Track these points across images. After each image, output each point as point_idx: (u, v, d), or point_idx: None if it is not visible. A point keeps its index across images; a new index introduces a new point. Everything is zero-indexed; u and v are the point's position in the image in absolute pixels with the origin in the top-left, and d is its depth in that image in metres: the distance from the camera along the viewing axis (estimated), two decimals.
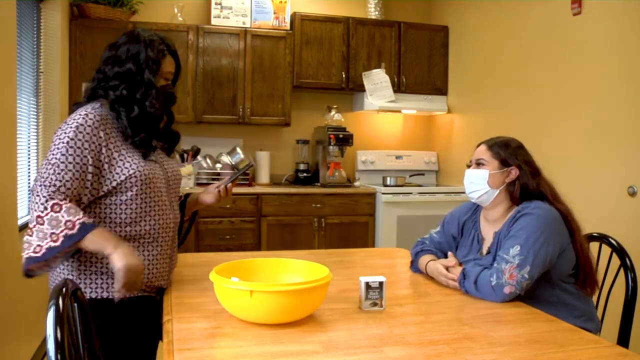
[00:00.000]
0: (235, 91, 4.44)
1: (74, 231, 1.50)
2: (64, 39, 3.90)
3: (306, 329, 1.43)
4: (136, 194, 1.66)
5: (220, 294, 1.46)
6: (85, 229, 1.51)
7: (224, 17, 4.44)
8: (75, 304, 1.28)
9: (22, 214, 3.17)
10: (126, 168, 1.65)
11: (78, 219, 1.51)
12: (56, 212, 1.51)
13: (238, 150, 4.45)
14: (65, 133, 1.60)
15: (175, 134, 1.91)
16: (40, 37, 3.62)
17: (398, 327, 1.47)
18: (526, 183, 1.84)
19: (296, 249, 4.15)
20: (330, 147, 4.53)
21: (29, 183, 3.39)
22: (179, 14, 4.46)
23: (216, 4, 4.43)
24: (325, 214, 4.38)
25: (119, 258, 1.51)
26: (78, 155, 1.58)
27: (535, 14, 3.78)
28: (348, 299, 1.68)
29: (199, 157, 4.35)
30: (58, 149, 1.58)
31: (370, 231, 4.49)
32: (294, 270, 1.67)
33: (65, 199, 1.55)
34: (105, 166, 1.63)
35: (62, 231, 1.50)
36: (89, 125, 1.61)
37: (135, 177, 1.66)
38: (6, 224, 2.55)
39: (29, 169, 3.40)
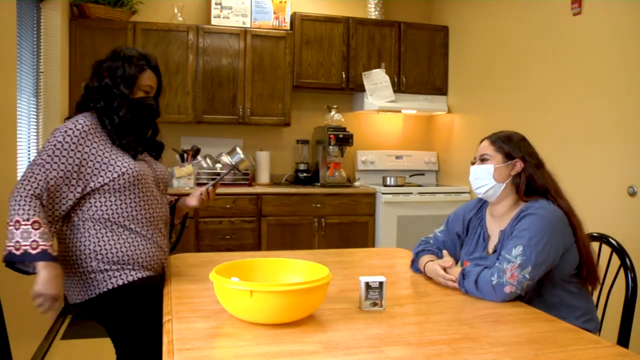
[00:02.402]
0: (235, 91, 4.44)
1: (34, 251, 1.64)
2: (64, 39, 3.90)
3: (306, 329, 1.43)
4: (128, 189, 1.84)
5: (220, 294, 1.46)
6: (39, 256, 1.65)
7: (224, 17, 4.44)
8: None
9: None
10: (118, 166, 1.83)
11: (44, 244, 1.66)
12: (36, 228, 1.66)
13: (238, 150, 4.45)
14: (54, 137, 1.78)
15: (160, 144, 2.09)
16: (40, 37, 3.62)
17: (398, 327, 1.47)
18: (532, 175, 1.84)
19: (296, 249, 4.15)
20: (330, 147, 4.53)
21: None
22: (179, 14, 4.46)
23: (216, 4, 4.43)
24: (325, 214, 4.38)
25: (41, 283, 1.66)
26: (64, 156, 1.76)
27: (535, 14, 3.78)
28: (348, 299, 1.68)
29: (199, 157, 4.36)
30: (45, 150, 1.75)
31: (370, 231, 4.49)
32: (294, 270, 1.67)
33: (43, 201, 1.72)
34: (97, 165, 1.80)
35: (29, 245, 1.64)
36: (78, 130, 1.79)
37: (128, 174, 1.84)
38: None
39: None
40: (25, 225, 1.65)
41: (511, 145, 1.88)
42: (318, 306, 1.51)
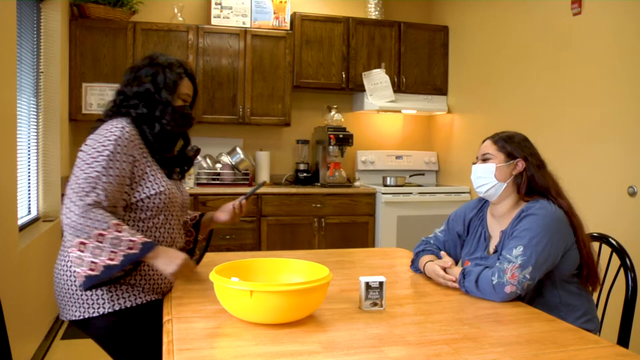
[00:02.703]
0: (235, 91, 4.44)
1: (135, 251, 1.57)
2: (64, 39, 3.90)
3: (306, 329, 1.43)
4: (157, 211, 1.75)
5: (221, 294, 1.46)
6: (146, 248, 1.59)
7: (224, 17, 4.44)
8: None
9: (22, 214, 3.18)
10: (156, 183, 1.75)
11: (139, 238, 1.59)
12: (118, 231, 1.57)
13: (238, 150, 4.45)
14: (104, 146, 1.65)
15: (189, 159, 2.01)
16: (40, 37, 3.62)
17: (398, 327, 1.47)
18: (533, 175, 1.85)
19: (296, 249, 4.15)
20: (330, 147, 4.53)
21: (29, 183, 3.39)
22: (179, 14, 4.46)
23: (216, 4, 4.43)
24: (325, 214, 4.38)
25: (164, 267, 1.64)
26: (117, 168, 1.65)
27: (535, 14, 3.78)
28: (348, 299, 1.68)
29: (199, 157, 4.36)
30: (98, 162, 1.63)
31: (370, 231, 4.49)
32: (294, 270, 1.67)
33: (106, 209, 1.62)
34: (137, 178, 1.72)
35: (123, 251, 1.56)
36: (127, 139, 1.69)
37: (165, 194, 1.76)
38: (6, 223, 2.54)
39: (29, 168, 3.40)
40: (110, 233, 1.56)
41: (513, 145, 1.88)
42: (318, 306, 1.51)
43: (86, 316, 1.70)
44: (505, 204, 1.89)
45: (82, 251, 1.56)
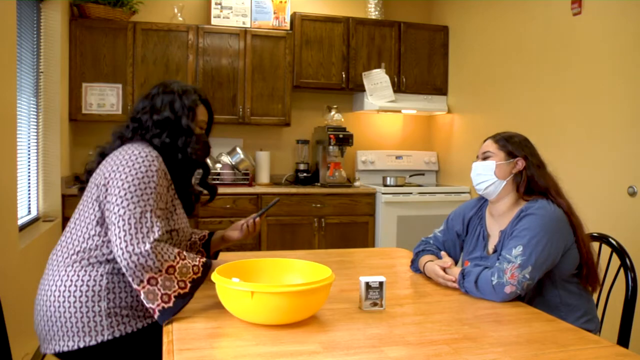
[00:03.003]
0: (235, 91, 4.44)
1: (199, 274, 1.55)
2: (64, 39, 3.90)
3: (306, 329, 1.43)
4: None
5: (222, 295, 1.46)
6: (206, 269, 1.56)
7: (224, 17, 4.44)
8: None
9: (22, 214, 3.18)
10: (179, 218, 1.72)
11: (199, 261, 1.56)
12: (183, 259, 1.54)
13: (238, 150, 4.45)
14: (149, 178, 1.58)
15: (213, 187, 1.96)
16: (40, 37, 3.62)
17: (398, 327, 1.47)
18: (532, 175, 1.85)
19: (296, 249, 4.15)
20: (330, 147, 4.53)
21: (29, 183, 3.39)
22: (179, 14, 4.46)
23: (216, 4, 4.43)
24: (325, 214, 4.38)
25: None
26: (162, 201, 1.62)
27: (535, 14, 3.78)
28: (348, 299, 1.68)
29: None
30: (148, 194, 1.56)
31: (370, 231, 4.49)
32: (296, 271, 1.66)
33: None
34: (168, 213, 1.68)
35: (189, 277, 1.53)
36: (163, 170, 1.65)
37: (183, 231, 1.73)
38: (6, 223, 2.54)
39: (29, 168, 3.40)
40: (178, 263, 1.52)
41: (514, 145, 1.89)
42: (320, 307, 1.51)
43: (81, 345, 1.56)
44: (504, 202, 1.90)
45: (153, 285, 1.49)
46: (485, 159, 1.91)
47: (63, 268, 1.63)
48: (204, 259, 1.58)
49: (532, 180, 1.86)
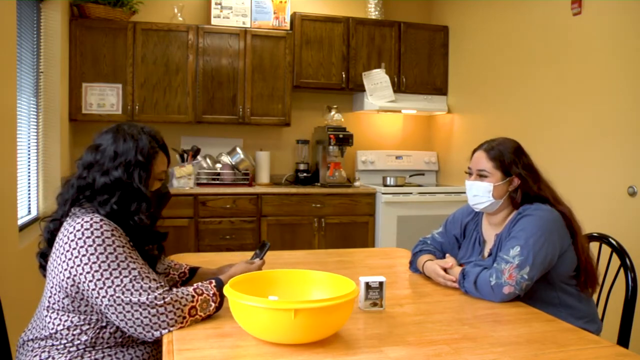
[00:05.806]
0: (235, 91, 4.44)
1: (217, 304, 1.50)
2: (64, 39, 3.90)
3: None
4: None
5: (236, 312, 1.35)
6: (220, 290, 1.51)
7: (224, 17, 4.44)
8: None
9: (22, 214, 3.18)
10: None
11: (212, 284, 1.51)
12: (199, 294, 1.47)
13: (238, 150, 4.45)
14: (113, 242, 1.42)
15: (164, 234, 1.68)
16: (40, 37, 3.62)
17: (398, 327, 1.47)
18: (528, 190, 1.85)
19: (296, 249, 4.15)
20: (330, 147, 4.53)
21: (29, 183, 3.39)
22: (179, 14, 4.46)
23: (216, 4, 4.43)
24: (325, 214, 4.38)
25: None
26: (134, 251, 1.48)
27: (535, 14, 3.78)
28: None
29: (199, 157, 4.36)
30: (123, 259, 1.42)
31: (370, 231, 4.49)
32: (310, 283, 1.55)
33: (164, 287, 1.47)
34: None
35: (213, 309, 1.49)
36: (115, 228, 1.47)
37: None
38: (6, 223, 2.55)
39: (29, 168, 3.40)
40: (197, 301, 1.45)
41: (509, 161, 1.86)
42: (344, 324, 1.39)
43: None
44: (501, 214, 1.92)
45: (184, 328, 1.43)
46: (481, 177, 1.89)
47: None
48: (214, 281, 1.52)
49: (528, 195, 1.86)
